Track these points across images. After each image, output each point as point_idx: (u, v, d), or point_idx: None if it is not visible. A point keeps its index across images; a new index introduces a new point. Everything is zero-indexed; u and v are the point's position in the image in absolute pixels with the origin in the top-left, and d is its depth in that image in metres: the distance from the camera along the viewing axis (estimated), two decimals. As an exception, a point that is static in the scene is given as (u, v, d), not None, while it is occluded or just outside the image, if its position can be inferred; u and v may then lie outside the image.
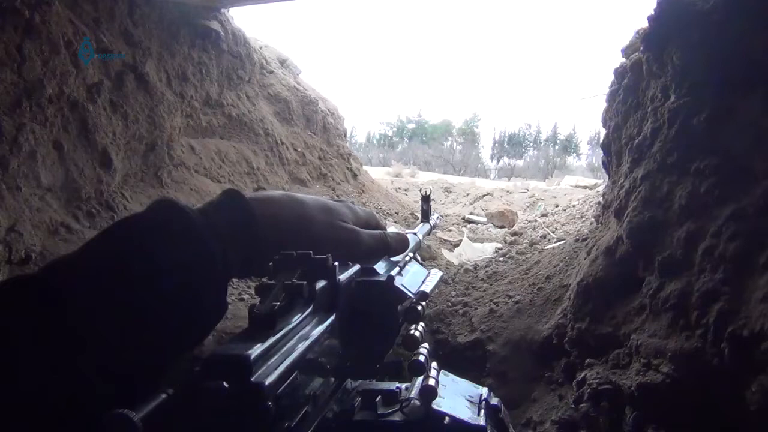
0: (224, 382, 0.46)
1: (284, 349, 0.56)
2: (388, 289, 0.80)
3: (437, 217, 1.71)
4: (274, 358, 0.53)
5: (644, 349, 1.68)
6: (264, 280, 0.63)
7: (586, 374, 1.86)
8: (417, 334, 0.78)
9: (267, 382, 0.49)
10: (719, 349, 1.40)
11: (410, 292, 0.83)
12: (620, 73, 2.43)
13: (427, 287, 0.88)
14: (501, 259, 3.66)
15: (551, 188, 9.15)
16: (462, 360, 2.53)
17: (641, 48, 2.14)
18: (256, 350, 0.51)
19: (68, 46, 2.85)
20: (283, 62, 5.80)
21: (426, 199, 1.57)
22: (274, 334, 0.56)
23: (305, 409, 0.59)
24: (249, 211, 0.78)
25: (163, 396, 0.44)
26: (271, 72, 5.43)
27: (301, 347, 0.58)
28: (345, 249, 0.86)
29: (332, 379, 0.70)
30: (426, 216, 1.56)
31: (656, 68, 2.00)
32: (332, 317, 0.69)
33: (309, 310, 0.64)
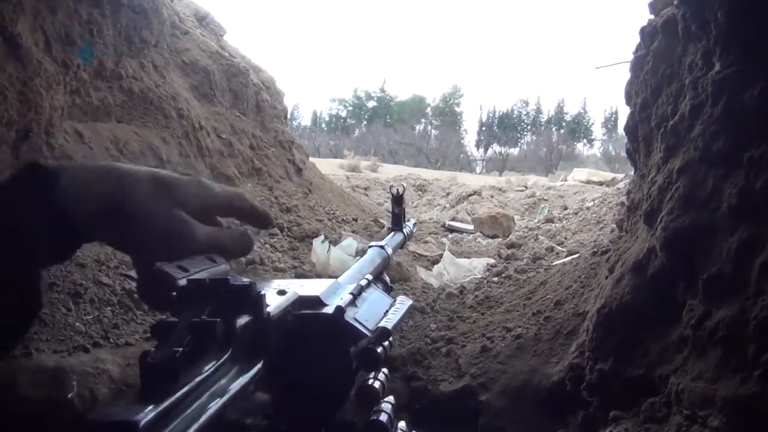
0: None
1: (190, 411, 0.54)
2: (337, 326, 0.79)
3: (413, 224, 1.69)
4: (175, 423, 0.52)
5: (687, 396, 1.69)
6: (163, 317, 0.61)
7: (611, 431, 1.87)
8: (376, 384, 0.77)
9: None
10: (785, 395, 1.42)
11: (366, 328, 0.81)
12: (649, 34, 2.46)
13: (390, 322, 0.87)
14: (495, 279, 3.68)
15: (556, 185, 9.29)
16: (446, 415, 2.52)
17: (675, 2, 2.16)
18: (149, 414, 0.49)
19: None
20: (202, 20, 5.75)
21: (398, 200, 1.55)
22: (176, 391, 0.54)
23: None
24: (48, 184, 0.82)
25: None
26: (187, 33, 5.37)
27: (214, 407, 0.57)
28: (170, 244, 0.88)
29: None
30: (398, 222, 1.54)
31: (695, 28, 2.02)
32: (259, 364, 0.67)
33: (226, 356, 0.62)
